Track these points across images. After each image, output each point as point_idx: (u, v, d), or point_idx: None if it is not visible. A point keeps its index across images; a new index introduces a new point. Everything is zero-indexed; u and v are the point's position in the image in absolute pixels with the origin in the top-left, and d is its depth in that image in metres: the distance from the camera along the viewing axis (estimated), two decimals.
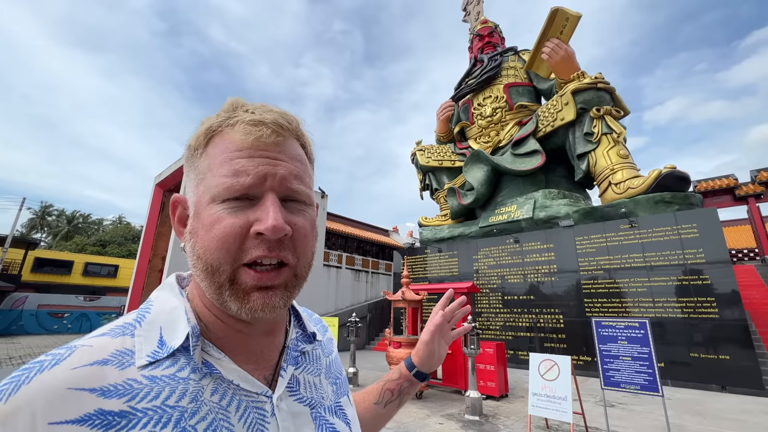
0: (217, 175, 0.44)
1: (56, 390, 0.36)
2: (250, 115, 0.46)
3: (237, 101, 0.50)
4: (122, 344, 0.43)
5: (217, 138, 0.47)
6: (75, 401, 0.36)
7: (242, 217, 0.43)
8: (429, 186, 16.27)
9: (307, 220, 0.48)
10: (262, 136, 0.45)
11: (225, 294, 0.43)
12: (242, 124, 0.46)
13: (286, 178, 0.46)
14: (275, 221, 0.42)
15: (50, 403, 0.35)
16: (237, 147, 0.45)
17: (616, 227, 9.34)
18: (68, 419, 0.35)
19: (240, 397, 0.45)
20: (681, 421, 5.15)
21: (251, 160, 0.45)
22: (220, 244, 0.42)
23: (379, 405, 0.73)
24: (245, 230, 0.43)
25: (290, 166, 0.47)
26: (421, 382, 0.76)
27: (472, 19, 18.67)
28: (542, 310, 10.03)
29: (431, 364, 0.76)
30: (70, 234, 36.67)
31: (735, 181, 16.02)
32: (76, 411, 0.35)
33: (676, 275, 8.22)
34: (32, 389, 0.35)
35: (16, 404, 0.34)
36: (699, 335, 7.66)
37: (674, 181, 9.26)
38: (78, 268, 22.39)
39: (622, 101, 11.11)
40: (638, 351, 4.10)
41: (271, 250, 0.43)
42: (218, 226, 0.43)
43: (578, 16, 11.79)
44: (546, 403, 4.20)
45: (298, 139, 0.51)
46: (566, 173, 12.81)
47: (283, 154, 0.47)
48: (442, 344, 0.78)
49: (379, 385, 0.76)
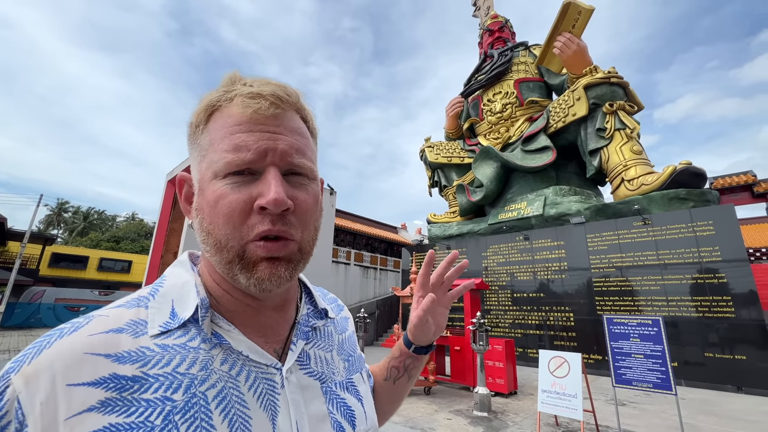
0: (218, 151, 0.45)
1: (74, 354, 0.38)
2: (248, 89, 0.46)
3: (235, 75, 0.50)
4: (137, 315, 0.45)
5: (216, 113, 0.47)
6: (91, 365, 0.38)
7: (245, 192, 0.44)
8: (438, 183, 16.20)
9: (309, 195, 0.48)
10: (261, 109, 0.45)
11: (235, 268, 0.44)
12: (240, 97, 0.46)
13: (287, 152, 0.46)
14: (276, 194, 0.42)
15: (68, 366, 0.37)
16: (236, 121, 0.45)
17: (628, 224, 9.17)
18: (84, 381, 0.37)
19: (249, 368, 0.46)
20: (695, 422, 5.05)
21: (251, 134, 0.45)
22: (226, 219, 0.43)
23: (389, 381, 0.72)
24: (249, 205, 0.43)
25: (291, 139, 0.47)
26: (424, 355, 0.72)
27: (482, 14, 18.45)
28: (552, 307, 9.92)
29: (429, 337, 0.70)
30: (86, 230, 37.56)
31: (753, 178, 15.60)
32: (92, 374, 0.38)
33: (691, 273, 8.04)
34: (52, 353, 0.38)
35: (38, 366, 0.37)
36: (714, 335, 7.49)
37: (689, 178, 9.05)
38: (93, 264, 22.97)
39: (635, 96, 10.86)
40: (651, 349, 4.03)
41: (275, 223, 0.44)
42: (222, 202, 0.43)
43: (591, 9, 11.56)
44: (556, 400, 4.17)
45: (299, 112, 0.51)
46: (577, 169, 12.61)
47: (283, 128, 0.47)
48: (439, 312, 0.69)
49: (385, 362, 0.74)
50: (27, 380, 0.36)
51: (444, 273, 0.67)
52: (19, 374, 0.37)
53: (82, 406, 0.36)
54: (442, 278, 0.67)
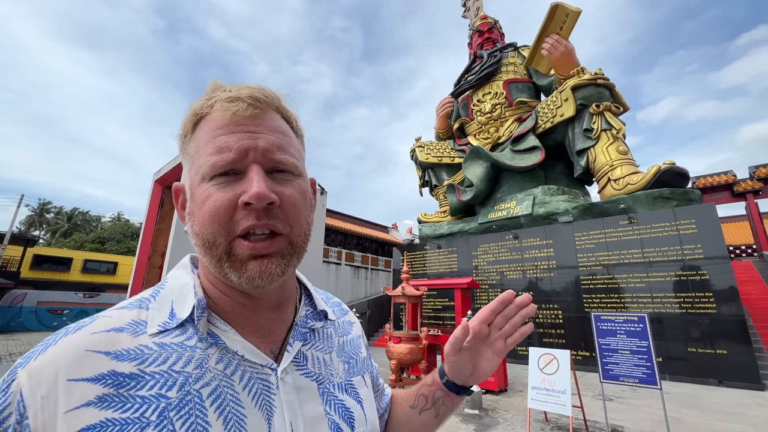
0: (203, 155, 0.46)
1: (77, 351, 0.40)
2: (227, 93, 0.48)
3: (216, 84, 0.51)
4: (138, 315, 0.47)
5: (201, 122, 0.49)
6: (91, 362, 0.40)
7: (230, 191, 0.45)
8: (428, 182, 16.25)
9: (296, 189, 0.49)
10: (239, 111, 0.47)
11: (224, 266, 0.45)
12: (219, 102, 0.48)
13: (268, 149, 0.47)
14: (258, 189, 0.43)
15: (70, 362, 0.39)
16: (217, 125, 0.47)
17: (615, 223, 9.35)
18: (84, 377, 0.39)
19: (245, 368, 0.47)
20: (679, 415, 5.18)
21: (232, 135, 0.46)
22: (212, 218, 0.45)
23: (414, 410, 0.67)
24: (233, 203, 0.45)
25: (271, 137, 0.48)
26: (455, 394, 0.64)
27: (472, 14, 18.57)
28: (541, 305, 10.06)
29: (463, 376, 0.62)
30: (69, 231, 36.59)
31: (734, 178, 16.06)
32: (92, 371, 0.40)
33: (675, 271, 8.25)
34: (57, 350, 0.40)
35: (43, 362, 0.39)
36: (697, 330, 7.70)
37: (673, 177, 9.27)
38: (77, 265, 22.36)
39: (621, 97, 11.07)
40: (637, 344, 4.12)
41: (260, 218, 0.45)
42: (209, 202, 0.45)
43: (578, 11, 11.73)
44: (545, 397, 4.23)
45: (279, 112, 0.52)
46: (565, 169, 12.80)
47: (263, 127, 0.48)
48: (484, 354, 0.61)
49: (416, 388, 0.69)
50: (31, 375, 0.38)
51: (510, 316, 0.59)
52: (25, 369, 0.39)
53: (81, 401, 0.38)
54: (505, 321, 0.59)
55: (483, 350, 0.61)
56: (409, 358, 6.31)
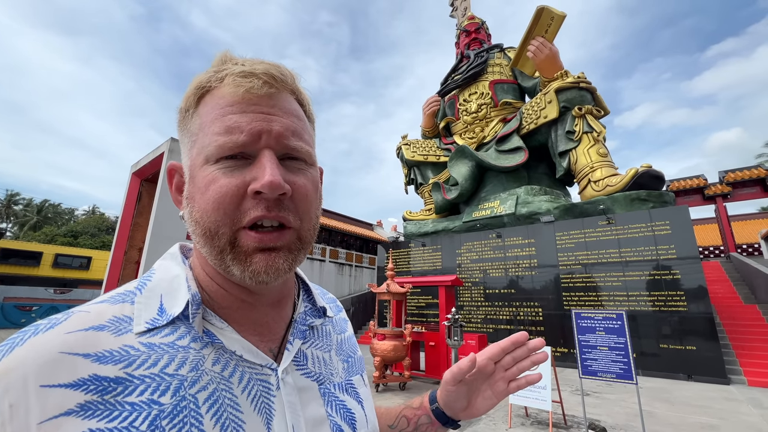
0: (209, 134, 0.42)
1: (48, 353, 0.35)
2: (240, 67, 0.44)
3: (226, 55, 0.46)
4: (121, 311, 0.41)
5: (207, 96, 0.45)
6: (68, 365, 0.35)
7: (238, 176, 0.41)
8: (414, 180, 16.30)
9: (308, 180, 0.46)
10: (253, 88, 0.42)
11: (227, 258, 0.41)
12: (231, 76, 0.43)
13: (283, 134, 0.43)
14: (272, 177, 0.40)
15: (42, 366, 0.34)
16: (228, 102, 0.43)
17: (594, 223, 9.62)
18: (61, 383, 0.34)
19: (243, 369, 0.44)
20: (652, 409, 5.39)
21: (244, 115, 0.42)
22: (217, 205, 0.41)
23: (394, 429, 0.64)
24: (242, 190, 0.41)
25: (286, 121, 0.44)
26: (441, 424, 0.61)
27: (459, 14, 18.68)
28: (522, 303, 10.27)
29: (455, 408, 0.60)
30: (39, 224, 34.97)
31: (705, 182, 16.77)
32: (70, 375, 0.35)
33: (649, 270, 8.56)
34: (24, 351, 0.35)
35: (8, 365, 0.34)
36: (668, 327, 8.02)
37: (650, 180, 9.60)
38: (47, 260, 21.40)
39: (602, 101, 11.38)
40: (615, 341, 4.25)
41: (270, 209, 0.41)
42: (213, 186, 0.41)
43: (563, 15, 11.96)
44: (526, 392, 4.32)
45: (294, 94, 0.48)
46: (548, 170, 13.07)
47: (278, 108, 0.44)
48: (483, 392, 0.59)
49: (399, 408, 0.66)
50: None
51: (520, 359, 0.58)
52: None
53: (59, 410, 0.33)
54: (514, 362, 0.58)
55: (482, 388, 0.59)
56: (393, 355, 6.33)
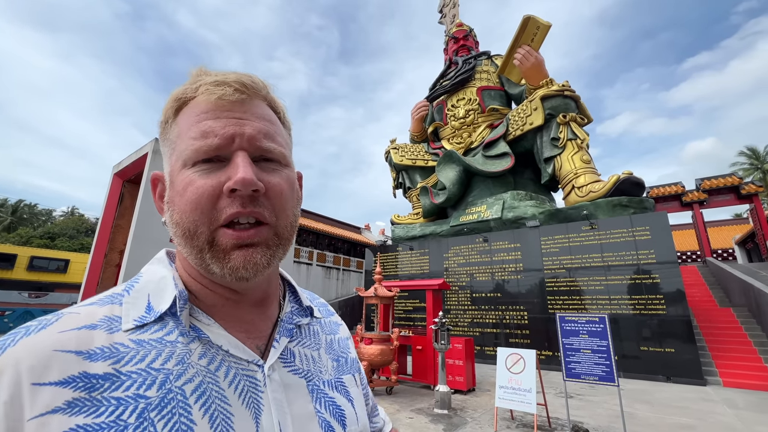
0: (186, 139, 0.45)
1: (42, 352, 0.36)
2: (213, 77, 0.47)
3: (201, 70, 0.49)
4: (110, 311, 0.43)
5: (184, 107, 0.47)
6: (60, 363, 0.36)
7: (214, 177, 0.43)
8: (402, 184, 16.37)
9: (283, 179, 0.48)
10: (225, 95, 0.45)
11: (206, 257, 0.43)
12: (204, 86, 0.46)
13: (255, 136, 0.45)
14: (245, 174, 0.42)
15: (35, 364, 0.35)
16: (202, 109, 0.45)
17: (578, 228, 9.84)
18: (51, 381, 0.35)
19: (229, 363, 0.45)
20: (632, 410, 5.51)
21: (218, 120, 0.44)
22: (194, 206, 0.42)
23: None
24: (218, 190, 0.43)
25: (258, 124, 0.47)
26: None
27: (448, 21, 18.94)
28: (508, 307, 10.39)
29: None
30: (14, 225, 33.65)
31: (682, 189, 17.34)
32: (60, 373, 0.36)
33: (630, 274, 8.79)
34: (17, 351, 0.36)
35: (1, 365, 0.35)
36: (648, 330, 8.24)
37: (631, 186, 9.88)
38: (22, 262, 20.58)
39: (586, 109, 11.69)
40: (598, 344, 4.34)
41: (245, 206, 0.43)
42: (191, 188, 0.43)
43: (548, 25, 12.26)
44: (512, 395, 4.36)
45: (267, 101, 0.51)
46: (533, 176, 13.32)
47: (250, 113, 0.47)
48: None
49: None
50: None
51: None
52: None
53: (46, 408, 0.34)
54: None
55: None
56: (381, 359, 6.31)
